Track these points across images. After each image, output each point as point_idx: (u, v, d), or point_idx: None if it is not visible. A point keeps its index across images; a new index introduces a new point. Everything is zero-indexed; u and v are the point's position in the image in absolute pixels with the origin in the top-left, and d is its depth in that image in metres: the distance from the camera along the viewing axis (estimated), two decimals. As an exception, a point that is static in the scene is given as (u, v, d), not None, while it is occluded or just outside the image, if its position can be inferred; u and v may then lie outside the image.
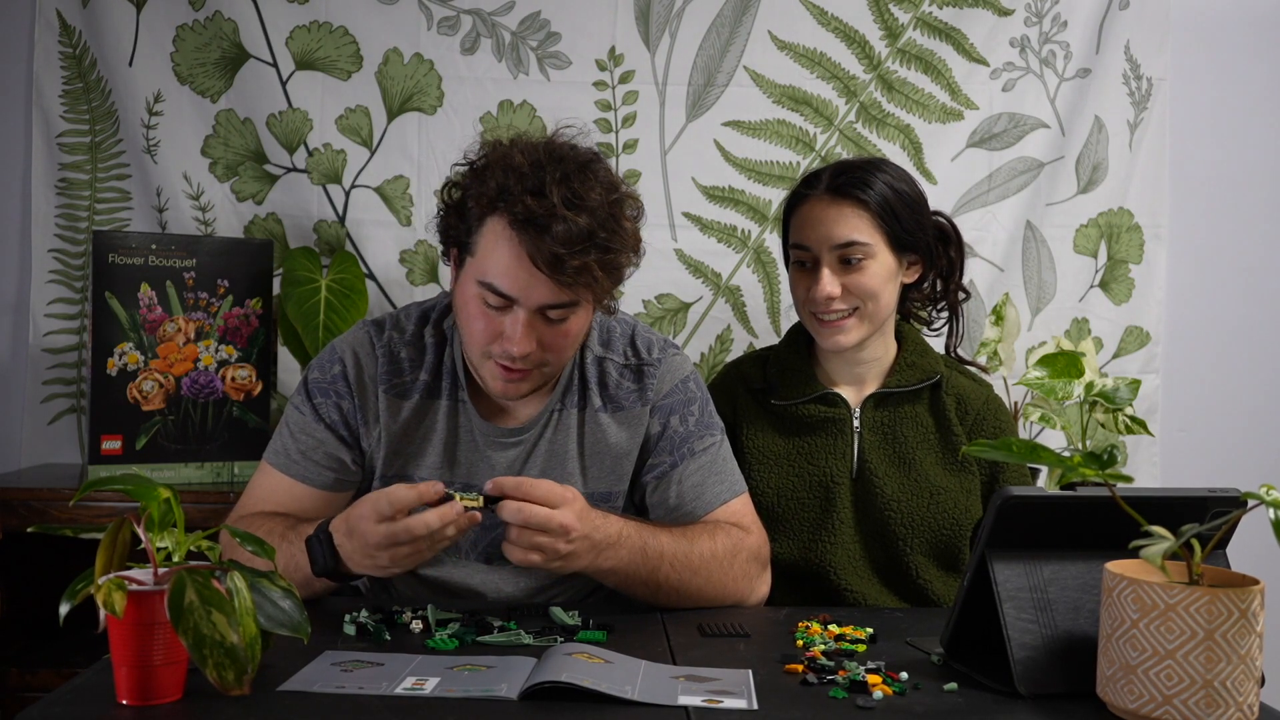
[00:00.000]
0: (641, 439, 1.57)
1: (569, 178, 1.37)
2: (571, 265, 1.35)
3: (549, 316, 1.41)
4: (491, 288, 1.40)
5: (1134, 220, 2.52)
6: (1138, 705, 1.00)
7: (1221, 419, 2.55)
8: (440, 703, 1.04)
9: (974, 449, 1.08)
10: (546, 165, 1.38)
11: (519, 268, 1.37)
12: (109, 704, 1.01)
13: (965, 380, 1.78)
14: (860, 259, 1.66)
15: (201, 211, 2.40)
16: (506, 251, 1.38)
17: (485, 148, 1.45)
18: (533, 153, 1.40)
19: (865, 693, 1.11)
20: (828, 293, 1.66)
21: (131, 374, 2.14)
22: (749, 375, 1.80)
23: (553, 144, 1.43)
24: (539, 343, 1.42)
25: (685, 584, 1.43)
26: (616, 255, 1.40)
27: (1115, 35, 2.49)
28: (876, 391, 1.73)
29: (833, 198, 1.68)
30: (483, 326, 1.43)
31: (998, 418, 1.76)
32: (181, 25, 2.37)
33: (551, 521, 1.28)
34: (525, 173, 1.37)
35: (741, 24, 2.44)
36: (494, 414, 1.56)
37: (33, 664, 2.08)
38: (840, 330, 1.68)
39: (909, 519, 1.68)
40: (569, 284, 1.37)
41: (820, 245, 1.67)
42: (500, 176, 1.38)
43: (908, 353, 1.76)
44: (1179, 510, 1.07)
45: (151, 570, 1.03)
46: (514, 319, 1.40)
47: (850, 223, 1.67)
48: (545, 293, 1.38)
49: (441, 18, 2.41)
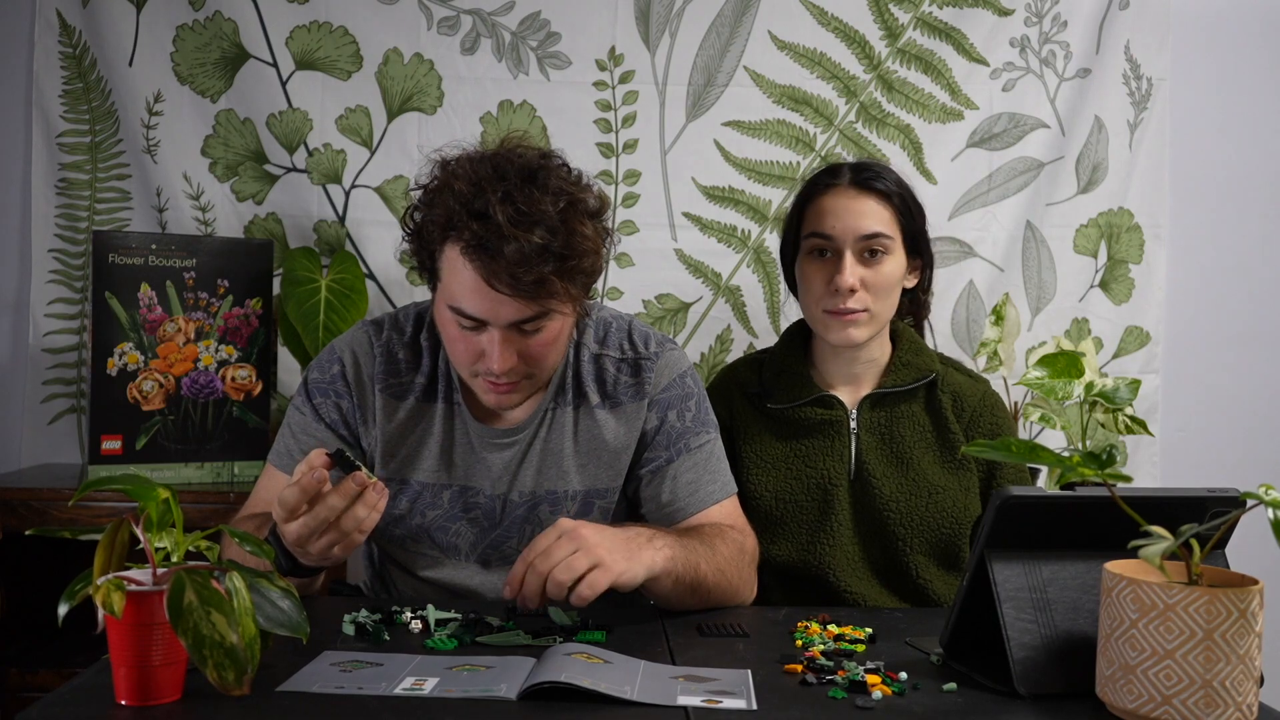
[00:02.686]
0: (638, 434, 1.57)
1: (511, 195, 1.33)
2: (528, 281, 1.33)
3: (524, 329, 1.41)
4: (460, 311, 1.39)
5: (1134, 220, 2.52)
6: (1137, 705, 1.00)
7: (1221, 419, 2.55)
8: (439, 703, 1.04)
9: (973, 448, 1.08)
10: (488, 185, 1.34)
11: (479, 292, 1.36)
12: (108, 704, 1.01)
13: (961, 377, 1.78)
14: (881, 253, 1.68)
15: (201, 211, 2.40)
16: (466, 277, 1.36)
17: (433, 169, 1.43)
18: (475, 172, 1.37)
19: (864, 693, 1.11)
20: (850, 283, 1.65)
21: (131, 374, 2.14)
22: (744, 379, 1.80)
23: (497, 156, 1.40)
24: (520, 356, 1.42)
25: (716, 584, 1.42)
26: (577, 261, 1.38)
27: (1115, 35, 2.49)
28: (873, 392, 1.73)
29: (859, 190, 1.69)
30: (463, 348, 1.43)
31: (994, 414, 1.76)
32: (181, 25, 2.38)
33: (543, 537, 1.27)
34: (468, 196, 1.34)
35: (741, 24, 2.44)
36: (488, 415, 1.56)
37: (33, 664, 2.08)
38: (853, 324, 1.67)
39: (907, 519, 1.67)
40: (531, 298, 1.36)
41: (845, 235, 1.67)
42: (447, 202, 1.36)
43: (903, 351, 1.76)
44: (1178, 510, 1.07)
45: (150, 570, 1.03)
46: (490, 338, 1.40)
47: (876, 214, 1.68)
48: (511, 310, 1.37)
49: (441, 18, 2.41)
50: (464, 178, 1.36)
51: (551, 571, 1.24)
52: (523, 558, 1.27)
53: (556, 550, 1.26)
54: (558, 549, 1.26)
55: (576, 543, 1.26)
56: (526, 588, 1.26)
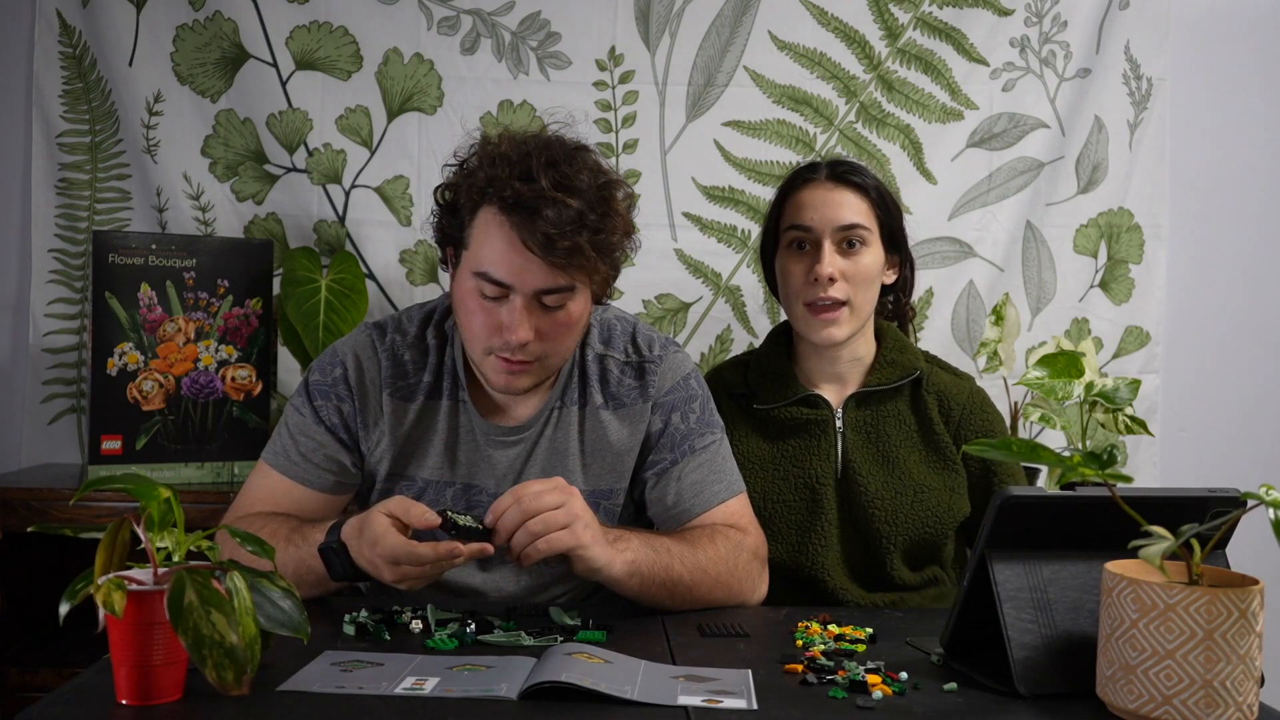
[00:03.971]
0: (642, 436, 1.57)
1: (556, 162, 1.39)
2: (563, 246, 1.36)
3: (546, 304, 1.42)
4: (487, 276, 1.40)
5: (1134, 220, 2.52)
6: (1137, 705, 1.00)
7: (1221, 419, 2.55)
8: (440, 703, 1.04)
9: (974, 448, 1.08)
10: (534, 152, 1.40)
11: (512, 252, 1.38)
12: (109, 704, 1.01)
13: (946, 376, 1.78)
14: (860, 244, 1.69)
15: (201, 211, 2.40)
16: (499, 237, 1.39)
17: (474, 145, 1.47)
18: (520, 142, 1.43)
19: (865, 693, 1.11)
20: (829, 271, 1.66)
21: (131, 374, 2.14)
22: (730, 381, 1.80)
23: (540, 134, 1.46)
24: (538, 332, 1.42)
25: (697, 583, 1.43)
26: (608, 236, 1.41)
27: (1115, 35, 2.49)
28: (858, 391, 1.73)
29: (835, 183, 1.72)
30: (482, 320, 1.43)
31: (983, 411, 1.76)
32: (181, 25, 2.38)
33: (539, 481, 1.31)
34: (513, 160, 1.39)
35: (741, 24, 2.44)
36: (494, 413, 1.56)
37: (33, 664, 2.08)
38: (834, 322, 1.68)
39: (892, 518, 1.68)
40: (562, 265, 1.38)
41: (824, 226, 1.69)
42: (489, 167, 1.41)
43: (887, 350, 1.76)
44: (1179, 510, 1.07)
45: (151, 570, 1.03)
46: (511, 308, 1.41)
47: (853, 206, 1.71)
48: (540, 277, 1.39)
49: (441, 18, 2.41)
50: (511, 144, 1.42)
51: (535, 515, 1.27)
52: (513, 491, 1.29)
53: (547, 497, 1.29)
54: (548, 496, 1.29)
55: (566, 497, 1.30)
56: (505, 519, 1.28)
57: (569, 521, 1.28)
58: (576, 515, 1.29)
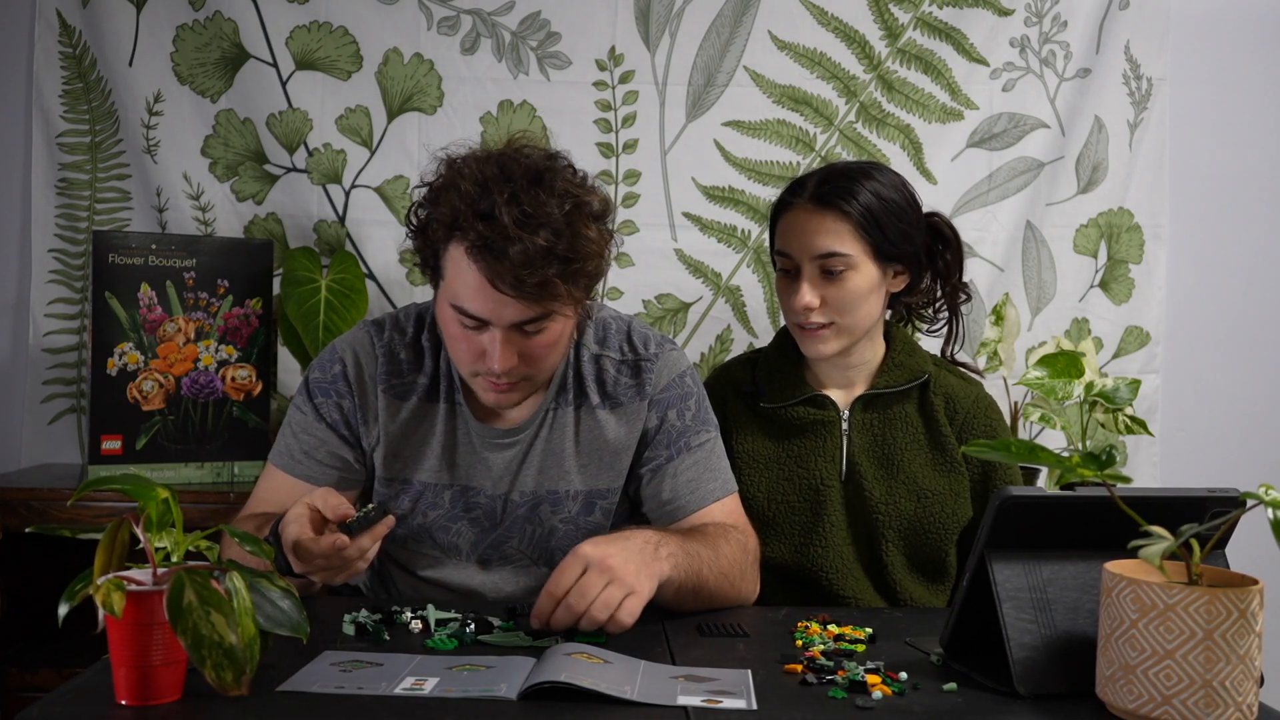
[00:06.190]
0: (639, 434, 1.57)
1: (518, 196, 1.33)
2: (533, 283, 1.33)
3: (525, 330, 1.40)
4: (463, 310, 1.39)
5: (1134, 220, 2.52)
6: (1137, 705, 1.00)
7: (1221, 419, 2.54)
8: (439, 703, 1.04)
9: (973, 449, 1.08)
10: (495, 185, 1.34)
11: (483, 292, 1.36)
12: (108, 704, 1.01)
13: (954, 379, 1.78)
14: (841, 270, 1.64)
15: (201, 211, 2.40)
16: (470, 277, 1.36)
17: (439, 166, 1.43)
18: (481, 172, 1.36)
19: (864, 693, 1.11)
20: (806, 303, 1.65)
21: (131, 374, 2.14)
22: (738, 378, 1.80)
23: (504, 156, 1.39)
24: (520, 356, 1.41)
25: (720, 587, 1.42)
26: (581, 264, 1.37)
27: (1115, 35, 2.48)
28: (865, 393, 1.73)
29: (815, 207, 1.66)
30: (465, 347, 1.43)
31: (988, 416, 1.75)
32: (181, 25, 2.37)
33: (568, 569, 1.25)
34: (474, 196, 1.34)
35: (741, 24, 2.44)
36: (489, 415, 1.56)
37: (33, 664, 2.08)
38: (819, 340, 1.68)
39: (896, 522, 1.67)
40: (535, 300, 1.36)
41: (802, 255, 1.66)
42: (453, 201, 1.36)
43: (895, 353, 1.75)
44: (1178, 510, 1.07)
45: (150, 570, 1.03)
46: (491, 338, 1.40)
47: (832, 233, 1.64)
48: (514, 311, 1.37)
49: (441, 18, 2.41)
50: (470, 177, 1.36)
51: (589, 610, 1.23)
52: (549, 592, 1.24)
53: (589, 587, 1.23)
54: (589, 585, 1.23)
55: (607, 574, 1.24)
56: (556, 623, 1.24)
57: (627, 591, 1.25)
58: (629, 584, 1.25)
